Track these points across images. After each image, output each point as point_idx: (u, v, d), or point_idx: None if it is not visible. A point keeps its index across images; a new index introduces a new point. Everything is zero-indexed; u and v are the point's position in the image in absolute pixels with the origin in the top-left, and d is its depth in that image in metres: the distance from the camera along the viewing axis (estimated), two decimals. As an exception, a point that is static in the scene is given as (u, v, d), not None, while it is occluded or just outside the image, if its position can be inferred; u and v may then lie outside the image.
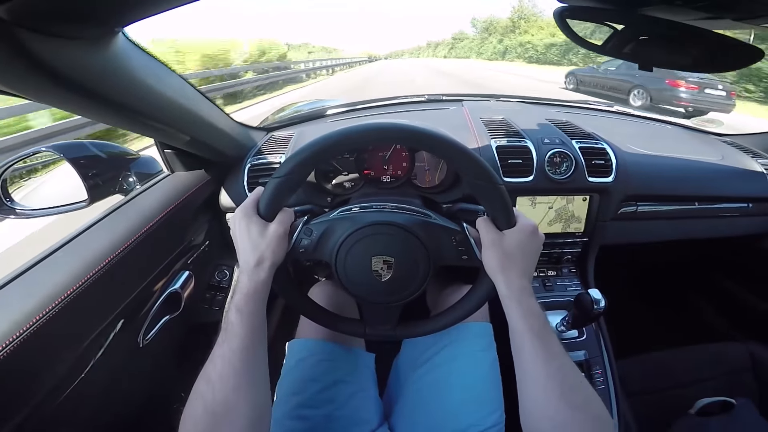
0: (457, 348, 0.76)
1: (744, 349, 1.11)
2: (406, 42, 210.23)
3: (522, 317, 0.54)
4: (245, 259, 0.57)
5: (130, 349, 0.77)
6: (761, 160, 1.18)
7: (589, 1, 0.60)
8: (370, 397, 0.78)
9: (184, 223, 0.91)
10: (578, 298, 0.81)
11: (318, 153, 0.57)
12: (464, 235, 0.62)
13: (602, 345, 1.01)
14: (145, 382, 0.89)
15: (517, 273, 0.56)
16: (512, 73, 17.79)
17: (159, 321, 0.83)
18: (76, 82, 0.47)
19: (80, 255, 0.65)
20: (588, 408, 0.49)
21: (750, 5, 0.52)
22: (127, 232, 0.73)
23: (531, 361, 0.52)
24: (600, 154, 1.01)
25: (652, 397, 1.04)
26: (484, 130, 1.06)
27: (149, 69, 0.61)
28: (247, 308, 0.53)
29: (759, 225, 1.20)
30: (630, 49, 0.67)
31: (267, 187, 0.58)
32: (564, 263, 1.12)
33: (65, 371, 0.60)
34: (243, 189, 0.97)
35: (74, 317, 0.59)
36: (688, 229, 1.17)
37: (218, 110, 0.88)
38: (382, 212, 0.65)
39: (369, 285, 0.63)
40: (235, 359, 0.51)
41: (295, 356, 0.77)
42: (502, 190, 0.57)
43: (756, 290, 1.37)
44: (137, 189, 0.87)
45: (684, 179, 1.11)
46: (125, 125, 0.68)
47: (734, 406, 0.94)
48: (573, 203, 1.03)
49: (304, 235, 0.62)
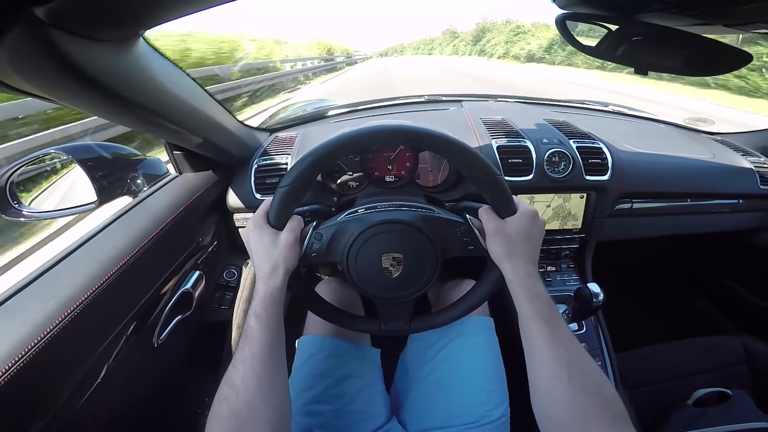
0: (462, 342, 0.78)
1: (738, 342, 1.14)
2: (405, 33, 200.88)
3: (529, 302, 0.55)
4: (260, 266, 0.59)
5: (146, 349, 0.78)
6: (750, 158, 1.22)
7: (588, 8, 0.63)
8: (378, 392, 0.79)
9: (194, 224, 0.92)
10: (578, 292, 0.84)
11: (321, 159, 0.58)
12: (468, 226, 0.64)
13: (601, 338, 1.04)
14: (160, 383, 0.89)
15: (522, 258, 0.58)
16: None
17: (172, 321, 0.84)
18: (101, 84, 0.48)
19: (97, 257, 0.65)
20: (599, 391, 0.49)
21: (740, 13, 0.55)
22: (141, 234, 0.74)
23: (539, 345, 0.53)
24: (596, 153, 1.04)
25: (650, 389, 1.07)
26: (485, 131, 1.09)
27: (165, 71, 0.63)
28: (265, 313, 0.55)
29: (749, 221, 1.24)
30: (624, 53, 0.70)
31: (275, 196, 0.60)
32: (563, 259, 1.15)
33: (85, 375, 0.60)
34: (250, 190, 0.98)
35: (93, 319, 0.60)
36: (682, 225, 1.20)
37: (225, 112, 0.89)
38: (387, 211, 0.67)
39: (380, 282, 0.65)
40: (256, 363, 0.52)
41: (304, 353, 0.79)
42: (500, 180, 0.59)
43: (748, 285, 1.40)
44: (146, 190, 0.88)
45: (677, 177, 1.14)
46: (142, 126, 0.69)
47: (730, 396, 0.96)
48: (570, 201, 1.06)
49: (315, 240, 0.64)
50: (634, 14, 0.62)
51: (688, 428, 0.92)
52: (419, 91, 1.68)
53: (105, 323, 0.64)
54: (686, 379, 1.08)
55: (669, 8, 0.56)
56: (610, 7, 0.63)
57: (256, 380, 0.52)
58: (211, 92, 0.81)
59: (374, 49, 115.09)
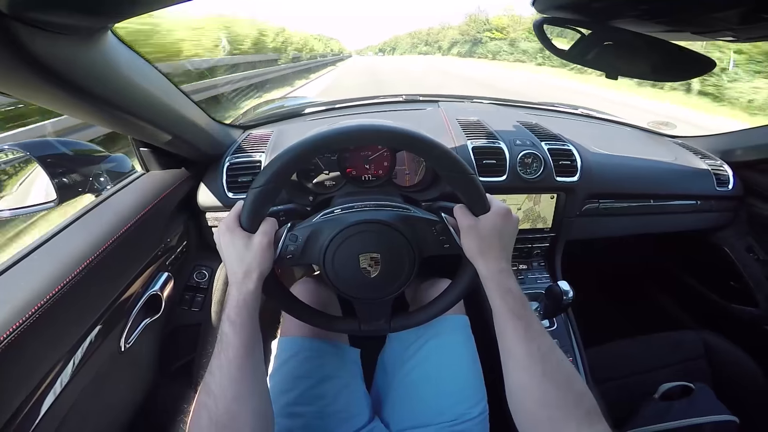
0: (439, 341, 0.79)
1: (698, 337, 1.20)
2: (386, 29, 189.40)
3: (502, 298, 0.56)
4: (233, 271, 0.58)
5: (113, 354, 0.75)
6: (708, 160, 1.28)
7: (565, 13, 0.66)
8: (359, 392, 0.79)
9: (161, 224, 0.89)
10: (549, 289, 0.86)
11: (295, 159, 0.57)
12: (443, 224, 0.65)
13: (572, 334, 1.07)
14: (129, 388, 0.86)
15: (495, 255, 0.59)
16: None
17: (139, 324, 0.81)
18: (64, 78, 0.46)
19: (57, 258, 0.62)
20: (570, 385, 0.50)
21: (708, 20, 0.58)
22: (105, 234, 0.71)
23: (512, 340, 0.54)
24: (566, 155, 1.07)
25: (616, 383, 1.11)
26: (461, 131, 1.10)
27: (134, 66, 0.61)
28: (239, 319, 0.54)
29: (706, 221, 1.30)
30: (596, 57, 0.73)
31: (247, 198, 0.58)
32: (534, 257, 1.18)
33: (47, 382, 0.57)
34: (222, 188, 0.96)
35: (54, 323, 0.57)
36: (645, 224, 1.25)
37: (197, 107, 0.87)
38: (364, 211, 0.67)
39: (359, 283, 0.65)
40: (233, 369, 0.52)
41: (283, 354, 0.78)
42: (474, 179, 0.60)
43: (706, 282, 1.47)
44: (110, 188, 0.85)
45: (641, 178, 1.19)
46: (106, 123, 0.66)
47: (693, 390, 1.02)
48: (540, 204, 1.08)
49: (290, 242, 0.63)
50: (608, 20, 0.65)
51: (656, 422, 0.96)
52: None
53: (67, 328, 0.61)
54: (651, 373, 1.12)
55: (641, 15, 0.59)
56: (585, 13, 0.65)
57: (234, 386, 0.51)
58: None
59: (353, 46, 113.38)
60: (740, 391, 1.10)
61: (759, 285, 1.27)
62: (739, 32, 0.59)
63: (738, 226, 1.33)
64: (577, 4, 0.64)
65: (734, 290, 1.34)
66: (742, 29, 0.57)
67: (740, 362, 1.14)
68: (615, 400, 1.04)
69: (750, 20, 0.53)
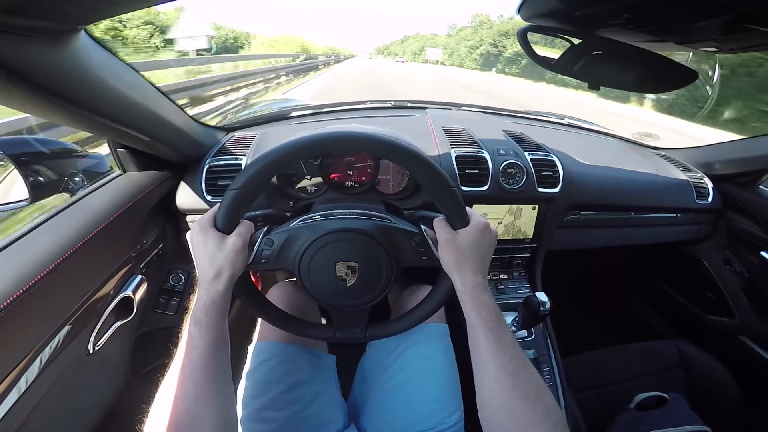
0: (419, 350, 0.79)
1: (674, 346, 1.22)
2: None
3: (476, 311, 0.56)
4: (203, 271, 0.57)
5: (79, 357, 0.73)
6: (689, 173, 1.30)
7: (549, 21, 0.66)
8: (334, 398, 0.79)
9: (137, 226, 0.87)
10: (526, 300, 0.86)
11: (275, 163, 0.57)
12: (422, 236, 0.65)
13: (549, 344, 1.08)
14: (97, 390, 0.85)
15: (471, 269, 0.59)
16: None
17: (110, 327, 0.80)
18: (29, 80, 0.45)
19: (24, 258, 0.61)
20: (539, 399, 0.51)
21: (692, 30, 0.59)
22: (76, 235, 0.69)
23: (485, 353, 0.54)
24: (549, 166, 1.08)
25: (594, 392, 1.12)
26: (445, 140, 1.11)
27: (108, 67, 0.60)
28: (206, 319, 0.54)
29: (685, 233, 1.32)
30: (579, 68, 0.73)
31: (223, 199, 0.57)
32: (515, 267, 1.18)
33: (10, 380, 0.56)
34: (201, 190, 0.95)
35: (18, 326, 0.56)
36: (626, 236, 1.27)
37: (177, 108, 0.86)
38: (343, 219, 0.66)
39: (335, 290, 0.64)
40: (196, 369, 0.51)
41: (256, 359, 0.77)
42: (454, 192, 0.60)
43: (685, 293, 1.50)
44: (85, 189, 0.83)
45: (622, 190, 1.21)
46: (80, 125, 0.65)
47: (667, 400, 1.03)
48: (520, 219, 1.09)
49: (266, 246, 0.62)
50: (592, 29, 0.65)
51: (631, 431, 0.97)
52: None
53: (32, 331, 0.60)
54: (628, 382, 1.14)
55: (624, 24, 0.59)
56: (570, 21, 0.66)
57: (196, 387, 0.50)
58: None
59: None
60: (714, 401, 1.12)
61: (735, 297, 1.30)
62: (721, 42, 0.59)
63: (716, 239, 1.35)
64: (562, 13, 0.64)
65: (711, 301, 1.36)
66: (725, 39, 0.58)
67: (715, 372, 1.16)
68: (592, 408, 1.06)
69: (732, 30, 0.53)
